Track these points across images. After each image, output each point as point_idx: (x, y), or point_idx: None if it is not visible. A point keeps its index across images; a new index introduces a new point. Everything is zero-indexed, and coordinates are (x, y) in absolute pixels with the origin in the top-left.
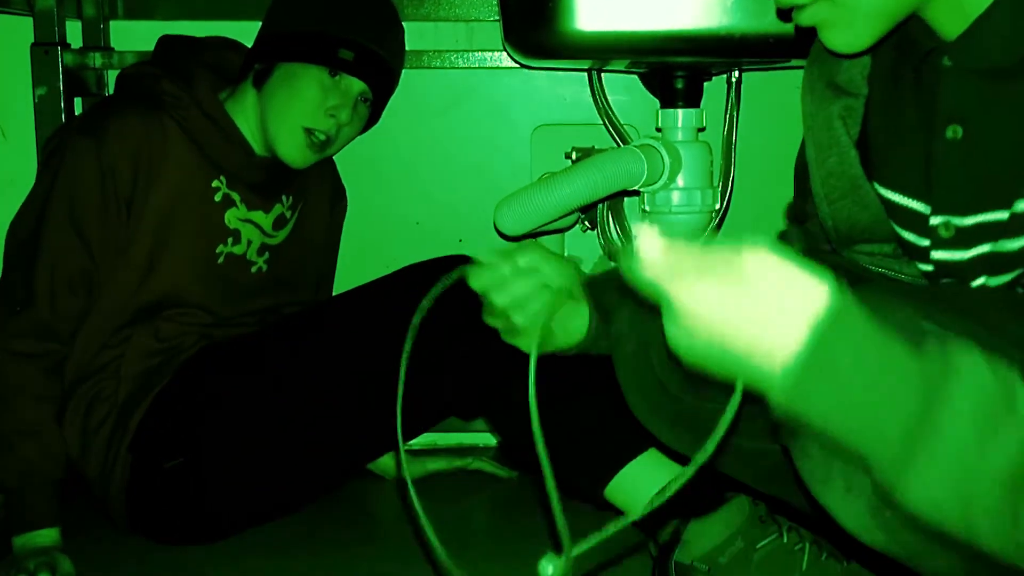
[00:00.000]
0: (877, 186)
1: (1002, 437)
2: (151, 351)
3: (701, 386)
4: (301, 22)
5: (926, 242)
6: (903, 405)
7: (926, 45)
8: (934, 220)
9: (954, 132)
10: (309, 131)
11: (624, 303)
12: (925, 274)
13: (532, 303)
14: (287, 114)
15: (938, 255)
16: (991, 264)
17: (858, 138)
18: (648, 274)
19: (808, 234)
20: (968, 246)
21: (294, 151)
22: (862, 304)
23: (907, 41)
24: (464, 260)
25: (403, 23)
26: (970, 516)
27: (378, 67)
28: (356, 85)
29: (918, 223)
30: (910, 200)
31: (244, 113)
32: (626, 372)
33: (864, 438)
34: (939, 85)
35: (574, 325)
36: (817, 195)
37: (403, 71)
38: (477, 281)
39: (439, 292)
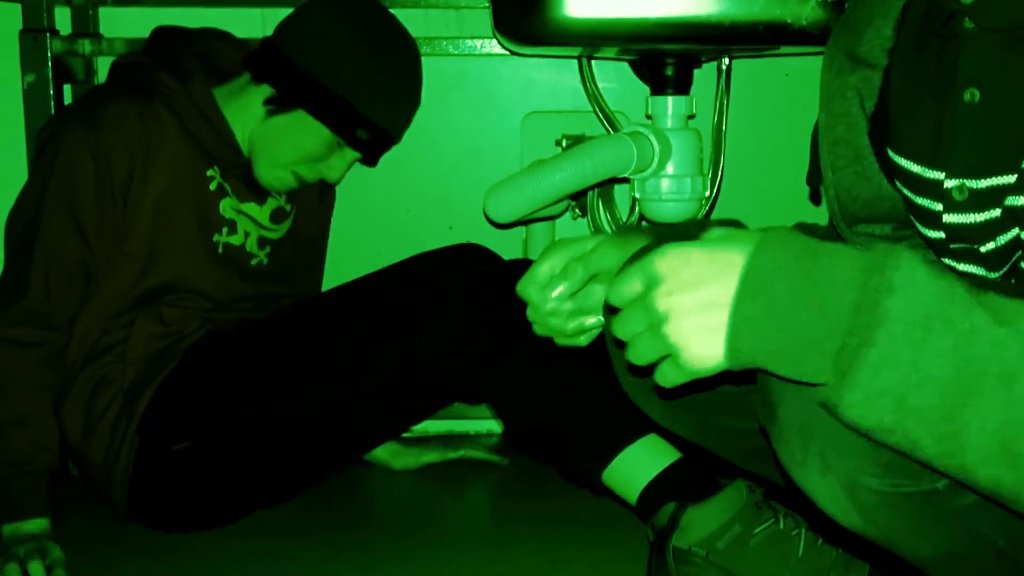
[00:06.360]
0: (894, 155)
1: (938, 349)
2: (156, 335)
3: None
4: (335, 79)
5: (939, 206)
6: (837, 319)
7: (949, 8)
8: (948, 183)
9: (971, 95)
10: (296, 174)
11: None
12: (936, 242)
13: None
14: (281, 155)
15: (950, 218)
16: (1002, 224)
17: (875, 111)
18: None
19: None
20: (982, 208)
21: (274, 183)
22: (789, 238)
23: (933, 7)
24: (476, 250)
25: (393, 9)
26: (911, 433)
27: (385, 147)
28: (357, 155)
29: (932, 188)
30: (925, 166)
31: (240, 113)
32: (617, 354)
33: (805, 358)
34: (960, 48)
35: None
36: (823, 163)
37: None
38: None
39: None
